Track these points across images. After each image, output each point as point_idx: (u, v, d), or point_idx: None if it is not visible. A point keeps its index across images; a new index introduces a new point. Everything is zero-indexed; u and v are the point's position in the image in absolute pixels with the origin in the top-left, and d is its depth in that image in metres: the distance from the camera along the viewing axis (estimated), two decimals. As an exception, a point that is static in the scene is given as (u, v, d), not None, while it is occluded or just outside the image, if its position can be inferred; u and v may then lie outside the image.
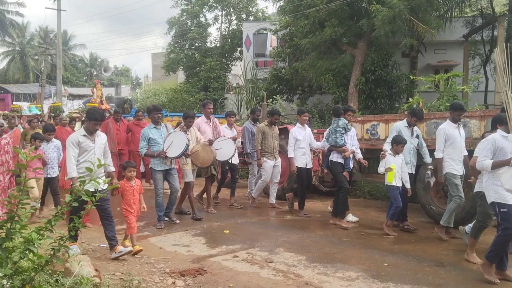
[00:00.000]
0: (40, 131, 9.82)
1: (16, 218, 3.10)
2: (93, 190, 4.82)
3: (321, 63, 14.14)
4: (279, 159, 8.79)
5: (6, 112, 14.66)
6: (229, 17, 26.42)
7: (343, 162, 7.49)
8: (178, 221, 7.39)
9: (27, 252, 3.00)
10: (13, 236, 3.02)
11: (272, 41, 21.06)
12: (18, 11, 40.56)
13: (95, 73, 40.38)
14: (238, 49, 24.76)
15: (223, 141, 8.17)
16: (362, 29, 13.14)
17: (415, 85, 13.90)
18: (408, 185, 6.87)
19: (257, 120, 9.46)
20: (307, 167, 8.14)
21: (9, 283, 2.98)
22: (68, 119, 11.37)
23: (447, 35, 14.18)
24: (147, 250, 5.81)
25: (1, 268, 2.90)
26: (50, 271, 3.70)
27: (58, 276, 3.76)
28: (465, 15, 15.63)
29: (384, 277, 4.81)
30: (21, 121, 11.89)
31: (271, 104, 16.49)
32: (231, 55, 25.44)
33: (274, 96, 17.23)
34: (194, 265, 5.16)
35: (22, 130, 9.95)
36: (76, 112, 12.41)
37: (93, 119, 5.28)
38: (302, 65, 15.41)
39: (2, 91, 26.17)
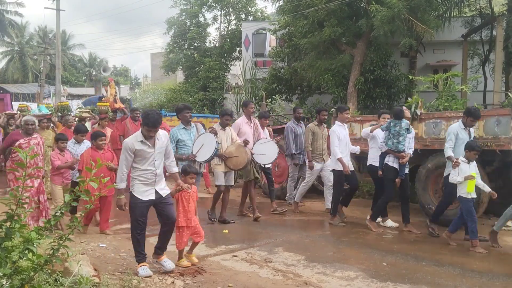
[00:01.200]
0: (51, 132, 9.55)
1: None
2: (154, 198, 4.81)
3: (320, 63, 14.14)
4: (328, 161, 8.09)
5: (10, 111, 13.99)
6: (228, 17, 26.41)
7: (398, 168, 6.91)
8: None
9: (26, 251, 3.01)
10: (12, 236, 3.02)
11: (271, 41, 21.04)
12: (17, 11, 40.53)
13: (94, 73, 40.29)
14: (237, 49, 24.74)
15: (265, 143, 7.71)
16: (361, 29, 13.13)
17: (414, 85, 13.89)
18: (488, 189, 6.19)
19: (302, 119, 8.91)
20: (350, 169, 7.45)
21: (8, 282, 2.98)
22: (75, 119, 10.78)
23: (446, 35, 14.17)
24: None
25: (1, 267, 2.90)
26: (49, 271, 3.71)
27: (57, 275, 3.76)
28: (464, 15, 15.63)
29: (383, 276, 4.81)
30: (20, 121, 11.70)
31: (270, 104, 16.48)
32: (230, 55, 25.43)
33: (273, 96, 17.22)
34: (193, 265, 5.17)
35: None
36: (87, 111, 11.73)
37: (145, 124, 4.70)
38: (301, 65, 15.41)
39: (1, 91, 26.11)
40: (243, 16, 26.02)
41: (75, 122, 10.12)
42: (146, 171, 4.74)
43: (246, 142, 7.27)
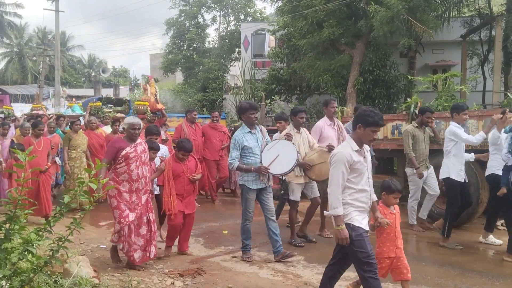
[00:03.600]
0: (84, 136, 8.67)
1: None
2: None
3: (319, 64, 14.14)
4: (432, 168, 6.99)
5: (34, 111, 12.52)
6: (227, 17, 26.46)
7: None
8: (295, 253, 5.64)
9: (26, 253, 3.00)
10: (12, 237, 3.02)
11: (270, 41, 21.05)
12: (16, 12, 40.56)
13: (93, 74, 40.27)
14: (237, 49, 24.77)
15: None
16: (360, 29, 13.15)
17: (413, 85, 13.89)
18: None
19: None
20: (465, 181, 6.27)
21: (8, 284, 2.98)
22: (96, 121, 9.48)
23: (445, 35, 14.18)
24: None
25: (0, 269, 2.90)
26: (49, 272, 3.70)
27: (57, 277, 3.76)
28: (463, 15, 15.65)
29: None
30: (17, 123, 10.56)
31: (269, 104, 16.49)
32: (229, 56, 25.45)
33: (273, 97, 17.24)
34: (193, 266, 5.17)
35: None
36: (120, 112, 10.86)
37: (372, 123, 3.57)
38: (300, 65, 15.42)
39: (0, 92, 26.16)
40: (242, 16, 26.07)
41: (97, 123, 9.36)
42: (363, 192, 3.68)
43: (331, 148, 5.86)
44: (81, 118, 10.55)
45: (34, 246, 3.01)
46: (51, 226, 3.13)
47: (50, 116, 11.59)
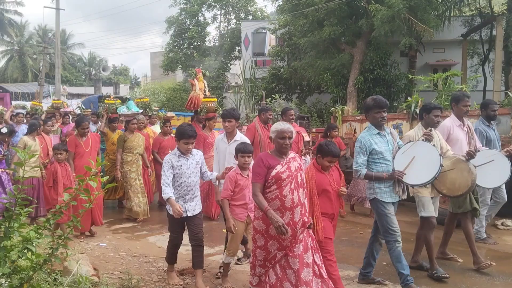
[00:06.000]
0: (138, 136, 7.74)
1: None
2: None
3: (320, 62, 14.15)
4: None
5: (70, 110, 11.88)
6: (228, 16, 26.47)
7: None
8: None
9: (25, 251, 3.00)
10: (11, 235, 3.01)
11: (270, 40, 21.06)
12: (16, 10, 40.62)
13: (93, 72, 40.29)
14: (237, 48, 24.77)
15: (494, 155, 5.04)
16: (361, 28, 13.15)
17: (414, 84, 13.91)
18: None
19: (494, 118, 6.21)
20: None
21: (7, 282, 2.97)
22: (144, 120, 8.58)
23: (445, 34, 14.19)
24: (146, 249, 5.82)
25: (0, 267, 2.89)
26: (48, 270, 3.70)
27: (56, 275, 3.76)
28: (463, 14, 15.66)
29: (382, 276, 4.80)
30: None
31: (269, 103, 16.49)
32: (230, 54, 25.45)
33: (273, 95, 17.23)
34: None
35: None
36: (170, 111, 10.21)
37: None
38: (300, 64, 15.43)
39: (1, 90, 26.15)
40: (242, 15, 26.08)
41: (145, 123, 8.55)
42: None
43: (470, 155, 4.74)
44: (98, 122, 9.44)
45: (34, 244, 3.00)
46: (50, 224, 3.12)
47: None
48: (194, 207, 4.58)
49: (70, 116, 10.62)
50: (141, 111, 8.88)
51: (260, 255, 3.82)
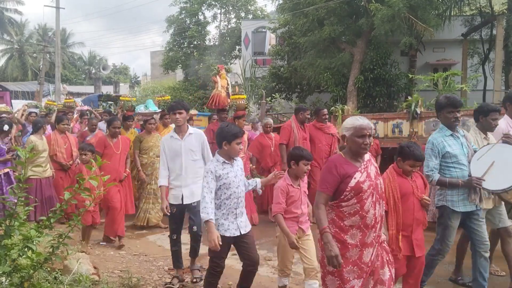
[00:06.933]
0: (156, 137, 7.19)
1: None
2: None
3: (320, 62, 14.15)
4: None
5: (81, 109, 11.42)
6: (228, 15, 26.45)
7: None
8: None
9: (26, 249, 3.00)
10: (12, 234, 3.01)
11: (271, 39, 21.06)
12: (16, 9, 40.55)
13: (93, 71, 40.29)
14: (237, 47, 24.76)
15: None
16: (361, 27, 13.15)
17: (414, 83, 13.91)
18: None
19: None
20: None
21: (7, 280, 2.98)
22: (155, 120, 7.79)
23: (446, 33, 14.18)
24: (146, 248, 5.82)
25: (0, 265, 2.90)
26: (48, 269, 3.71)
27: (57, 273, 3.76)
28: (464, 13, 15.65)
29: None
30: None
31: (270, 102, 16.49)
32: (230, 54, 25.44)
33: (273, 95, 17.24)
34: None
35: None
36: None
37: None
38: (301, 63, 15.42)
39: (1, 89, 26.16)
40: (242, 14, 26.06)
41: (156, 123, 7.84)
42: None
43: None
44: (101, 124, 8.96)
45: (34, 243, 3.01)
46: (51, 223, 3.13)
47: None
48: (246, 223, 3.94)
49: (88, 114, 10.26)
50: (159, 110, 8.29)
51: (332, 283, 3.12)
